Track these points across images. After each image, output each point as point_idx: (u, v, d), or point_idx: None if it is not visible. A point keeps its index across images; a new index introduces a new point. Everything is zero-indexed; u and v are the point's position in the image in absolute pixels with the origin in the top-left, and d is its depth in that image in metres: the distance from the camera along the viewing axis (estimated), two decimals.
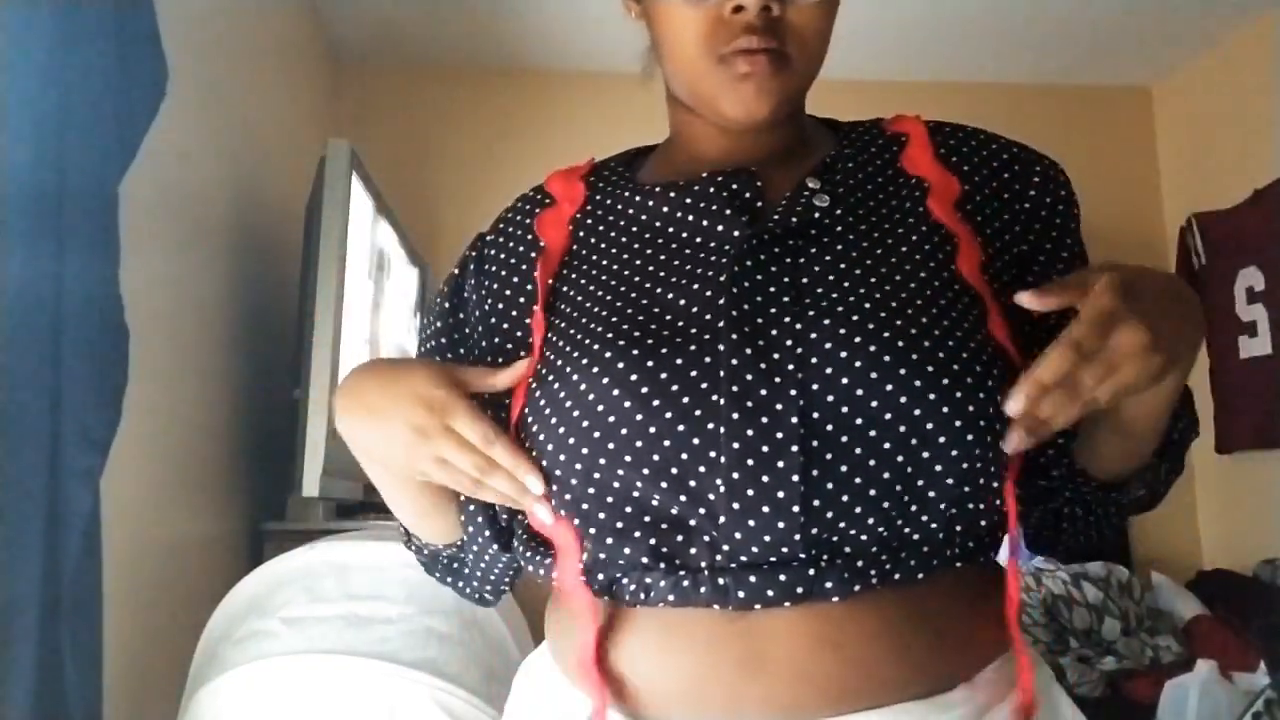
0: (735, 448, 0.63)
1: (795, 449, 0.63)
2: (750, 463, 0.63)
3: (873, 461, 0.63)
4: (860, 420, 0.64)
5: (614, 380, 0.67)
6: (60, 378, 1.03)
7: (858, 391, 0.64)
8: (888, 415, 0.63)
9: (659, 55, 0.79)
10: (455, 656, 1.34)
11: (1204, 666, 2.01)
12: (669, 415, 0.65)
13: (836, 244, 0.71)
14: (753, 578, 0.63)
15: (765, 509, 0.63)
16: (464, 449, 0.68)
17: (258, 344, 2.09)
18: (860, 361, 0.64)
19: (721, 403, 0.64)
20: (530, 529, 0.75)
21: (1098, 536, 0.81)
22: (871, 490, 0.63)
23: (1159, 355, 0.60)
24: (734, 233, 0.72)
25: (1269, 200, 2.82)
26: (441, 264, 2.62)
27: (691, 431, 0.64)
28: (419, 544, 0.87)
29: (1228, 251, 2.95)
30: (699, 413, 0.65)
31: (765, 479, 0.63)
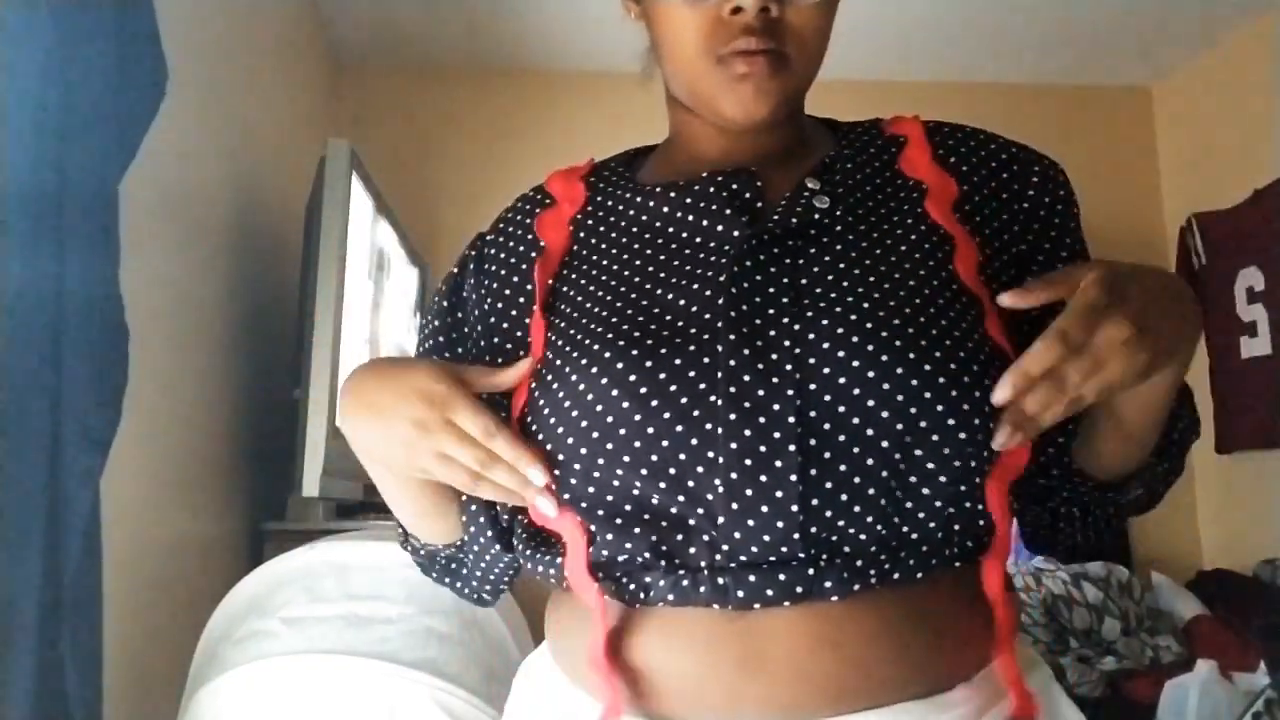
0: (733, 448, 0.63)
1: (793, 448, 0.63)
2: (748, 462, 0.63)
3: (870, 461, 0.64)
4: (858, 420, 0.64)
5: (612, 380, 0.67)
6: (60, 378, 1.03)
7: (855, 391, 0.64)
8: (885, 414, 0.63)
9: (658, 56, 0.79)
10: (455, 656, 1.34)
11: (1204, 666, 2.01)
12: (667, 415, 0.65)
13: (836, 244, 0.71)
14: (752, 577, 0.63)
15: (764, 509, 0.63)
16: (465, 442, 0.67)
17: (258, 344, 2.09)
18: (858, 361, 0.64)
19: (719, 403, 0.64)
20: (531, 528, 0.75)
21: (1095, 537, 0.81)
22: (870, 490, 0.64)
23: (1144, 352, 0.60)
24: (734, 233, 0.72)
25: (1269, 200, 2.82)
26: (441, 264, 2.62)
27: (690, 432, 0.65)
28: (417, 544, 0.86)
29: (1228, 251, 2.95)
30: (697, 413, 0.65)
31: (763, 479, 0.63)
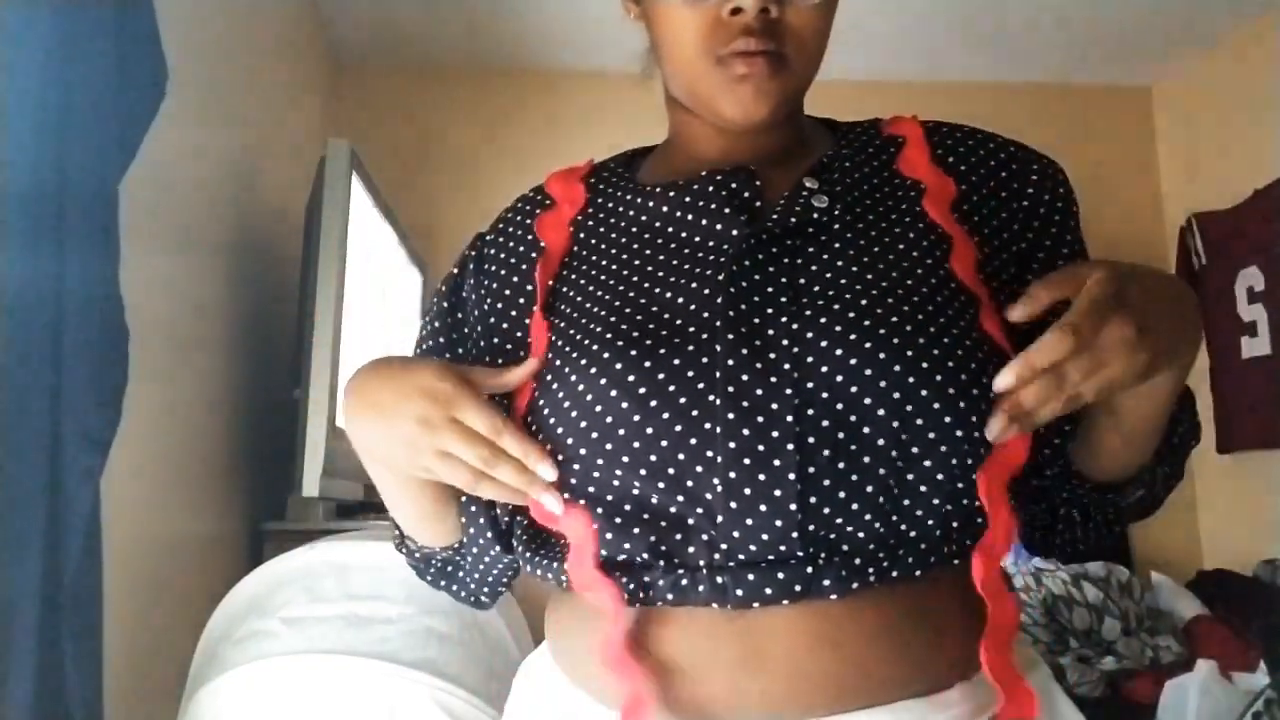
0: (732, 447, 0.64)
1: (791, 447, 0.63)
2: (747, 462, 0.63)
3: (868, 459, 0.64)
4: (855, 418, 0.64)
5: (611, 381, 0.67)
6: (60, 378, 1.03)
7: (853, 390, 0.64)
8: (882, 413, 0.64)
9: (658, 56, 0.79)
10: (455, 656, 1.34)
11: (1204, 666, 2.01)
12: (666, 415, 0.65)
13: (834, 243, 0.71)
14: (751, 576, 0.63)
15: (762, 507, 0.63)
16: (468, 440, 0.67)
17: (258, 344, 2.09)
18: (856, 360, 0.64)
19: (718, 402, 0.65)
20: (531, 529, 0.75)
21: (1095, 540, 0.80)
22: (868, 488, 0.64)
23: (1144, 352, 0.60)
24: (732, 232, 0.72)
25: (1269, 200, 2.82)
26: (441, 264, 2.62)
27: (688, 431, 0.65)
28: (412, 546, 0.86)
29: (1228, 251, 2.95)
30: (696, 412, 0.65)
31: (762, 478, 0.63)
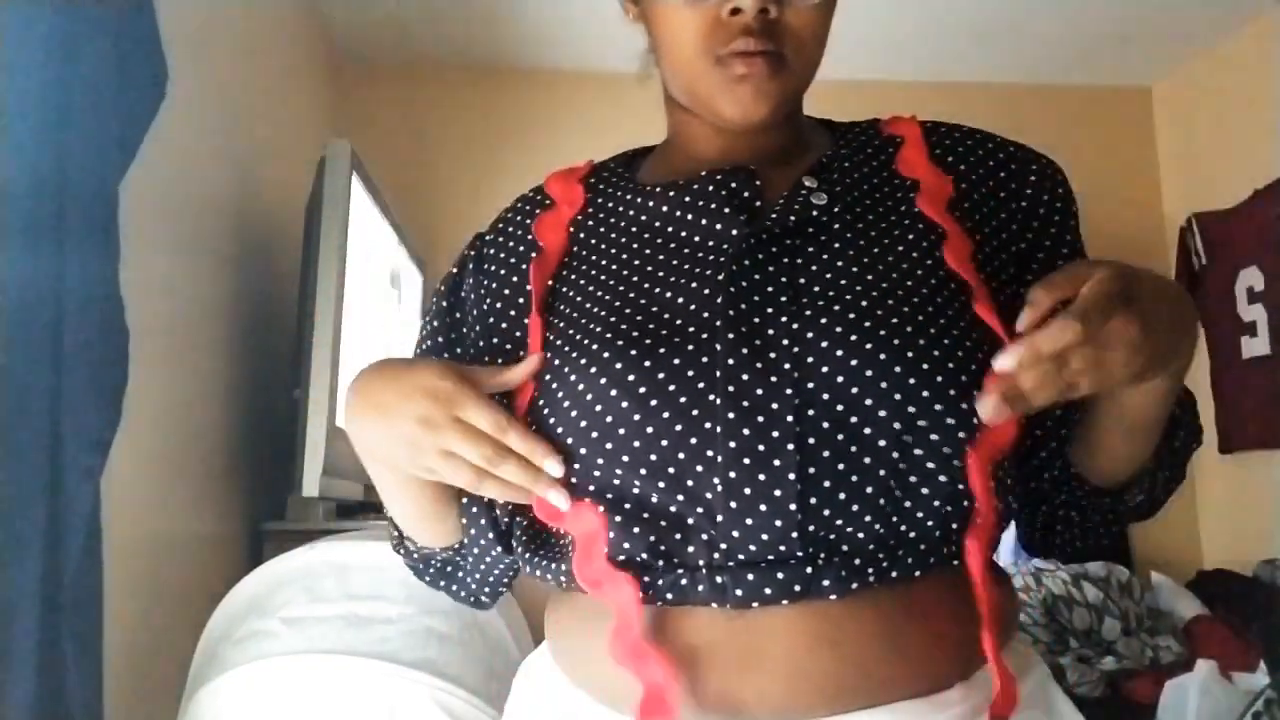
0: (732, 447, 0.64)
1: (791, 447, 0.63)
2: (747, 461, 0.63)
3: (868, 459, 0.64)
4: (856, 419, 0.64)
5: (611, 380, 0.67)
6: (60, 378, 1.03)
7: (853, 390, 0.64)
8: (883, 413, 0.64)
9: (657, 56, 0.79)
10: (455, 656, 1.34)
11: (1204, 666, 2.00)
12: (666, 415, 0.65)
13: (834, 242, 0.71)
14: (750, 576, 0.63)
15: (762, 507, 0.63)
16: (471, 439, 0.66)
17: (258, 344, 2.09)
18: (856, 360, 0.64)
19: (718, 402, 0.65)
20: (531, 529, 0.75)
21: (1095, 542, 0.80)
22: (868, 488, 0.64)
23: (1144, 351, 0.60)
24: (732, 231, 0.72)
25: (1269, 200, 2.81)
26: (441, 264, 2.61)
27: (689, 431, 0.65)
28: (411, 547, 0.85)
29: (1228, 251, 2.95)
30: (696, 412, 0.65)
31: (762, 477, 0.63)
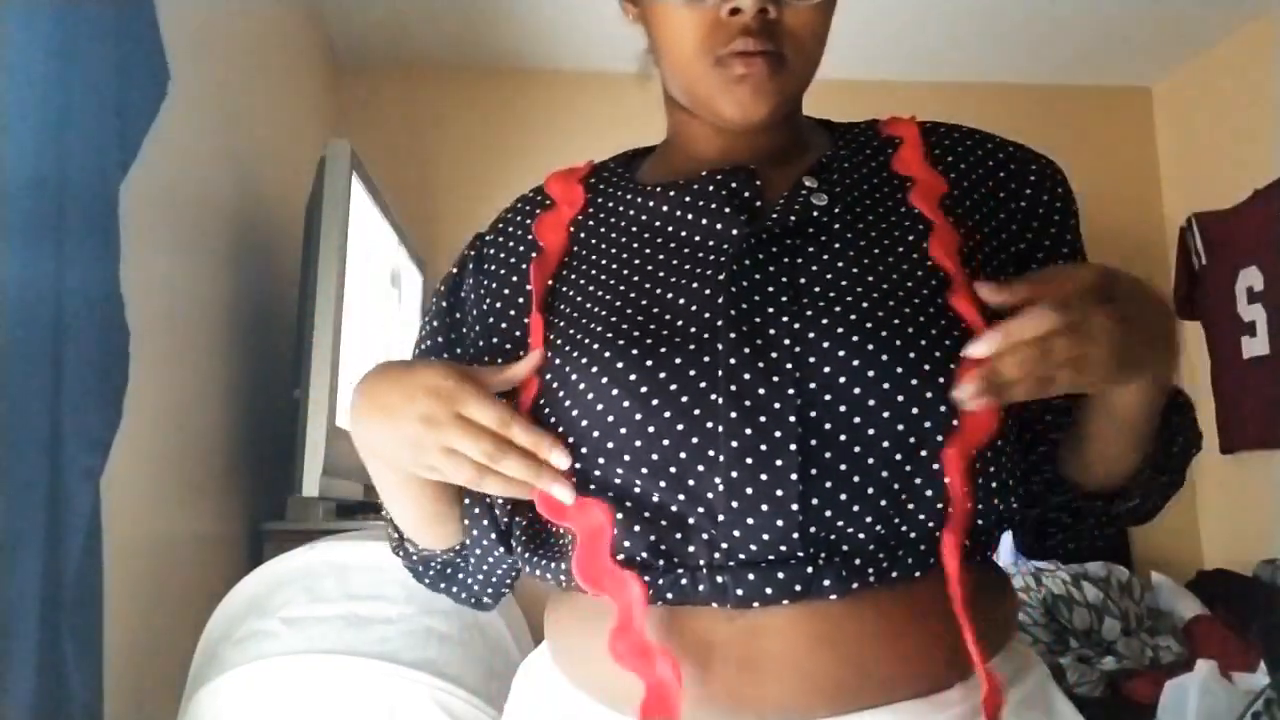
0: (733, 446, 0.64)
1: (793, 447, 0.63)
2: (748, 461, 0.63)
3: (870, 460, 0.64)
4: (858, 419, 0.64)
5: (613, 380, 0.67)
6: (60, 378, 1.03)
7: (854, 390, 0.64)
8: (885, 414, 0.64)
9: (656, 57, 0.79)
10: (455, 656, 1.34)
11: (1204, 666, 2.00)
12: (668, 414, 0.65)
13: (834, 242, 0.71)
14: (751, 575, 0.63)
15: (764, 507, 0.63)
16: (472, 435, 0.66)
17: (258, 344, 2.09)
18: (857, 360, 0.64)
19: (720, 402, 0.65)
20: (531, 529, 0.75)
21: (1089, 545, 0.80)
22: (869, 488, 0.64)
23: (1123, 351, 0.60)
24: (733, 231, 0.72)
25: (1269, 200, 2.81)
26: (441, 264, 2.62)
27: (690, 430, 0.65)
28: (411, 549, 0.85)
29: (1228, 251, 2.95)
30: (697, 411, 0.65)
31: (763, 477, 0.63)
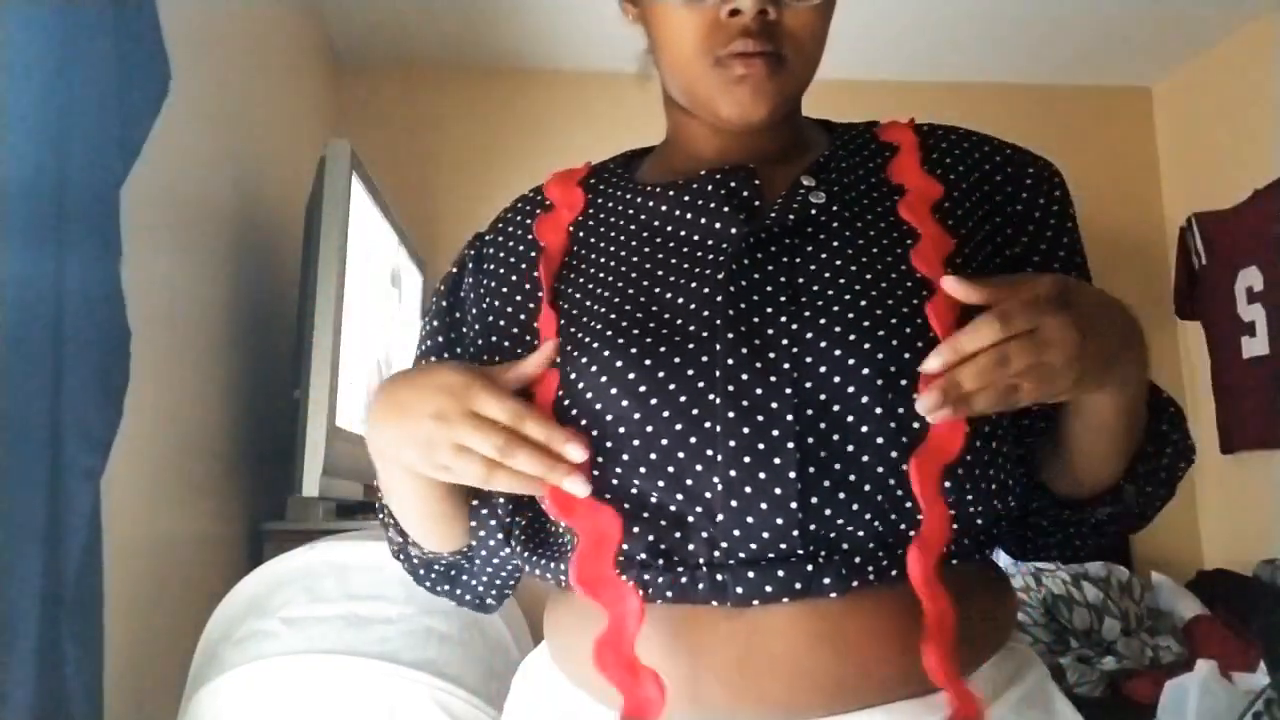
0: (732, 445, 0.64)
1: (791, 446, 0.63)
2: (747, 460, 0.63)
3: (867, 459, 0.64)
4: (854, 418, 0.64)
5: (612, 379, 0.67)
6: (61, 377, 1.03)
7: (850, 390, 0.64)
8: (881, 412, 0.64)
9: (656, 57, 0.79)
10: (455, 656, 1.34)
11: (1204, 666, 2.00)
12: (666, 414, 0.65)
13: (832, 241, 0.71)
14: (751, 574, 0.63)
15: (763, 505, 0.63)
16: (483, 430, 0.65)
17: (258, 344, 2.09)
18: (854, 360, 0.64)
19: (718, 401, 0.65)
20: (531, 527, 0.75)
21: (1077, 553, 0.80)
22: (867, 486, 0.64)
23: (1085, 357, 0.60)
24: (732, 230, 0.72)
25: (1269, 200, 2.81)
26: (441, 264, 2.62)
27: (689, 430, 0.65)
28: (414, 552, 0.84)
29: (1228, 251, 2.95)
30: (696, 411, 0.65)
31: (762, 476, 0.63)
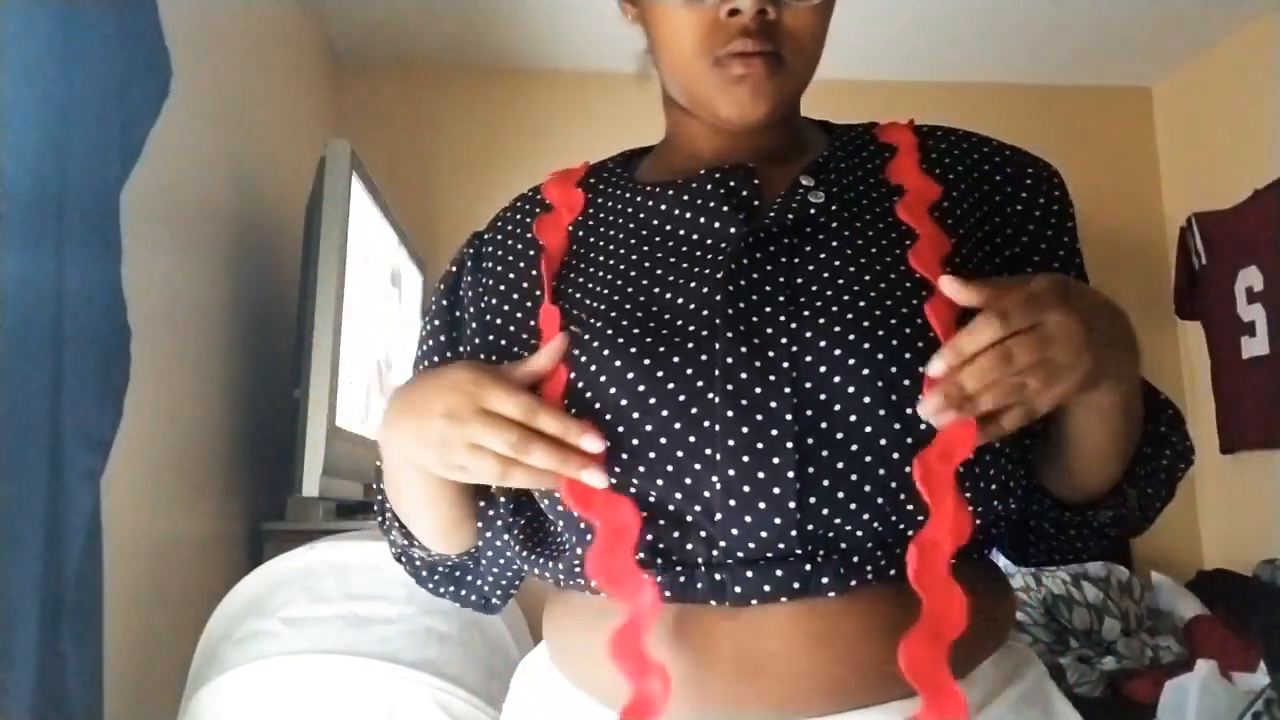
0: (730, 445, 0.64)
1: (790, 445, 0.63)
2: (746, 459, 0.63)
3: (867, 458, 0.64)
4: (854, 417, 0.64)
5: (611, 378, 0.67)
6: (61, 378, 1.03)
7: (850, 389, 0.64)
8: (881, 412, 0.64)
9: (655, 57, 0.79)
10: (455, 656, 1.34)
11: (1204, 666, 2.00)
12: (665, 413, 0.65)
13: (831, 241, 0.71)
14: (749, 573, 0.63)
15: (761, 505, 0.63)
16: (496, 427, 0.65)
17: (258, 344, 2.09)
18: (853, 360, 0.64)
19: (717, 400, 0.65)
20: (530, 526, 0.76)
21: (1078, 556, 0.80)
22: (866, 486, 0.64)
23: (1089, 351, 0.60)
24: (731, 229, 0.72)
25: (1269, 200, 2.81)
26: (441, 264, 2.62)
27: (688, 429, 0.65)
28: (417, 554, 0.84)
29: (1228, 251, 2.95)
30: (695, 410, 0.65)
31: (761, 475, 0.63)
